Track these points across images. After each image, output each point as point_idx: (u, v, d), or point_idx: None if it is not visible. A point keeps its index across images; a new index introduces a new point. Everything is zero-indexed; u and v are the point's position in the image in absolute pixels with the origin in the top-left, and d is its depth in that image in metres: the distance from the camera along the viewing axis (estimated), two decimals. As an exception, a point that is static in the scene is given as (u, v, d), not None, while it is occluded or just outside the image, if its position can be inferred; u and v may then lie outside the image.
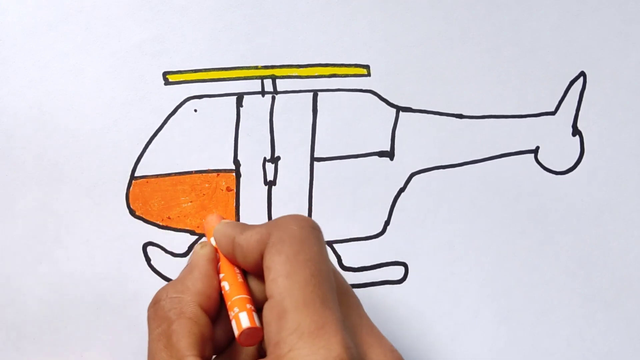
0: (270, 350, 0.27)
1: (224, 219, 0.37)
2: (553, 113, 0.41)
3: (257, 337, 0.30)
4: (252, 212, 0.39)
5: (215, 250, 0.34)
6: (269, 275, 0.29)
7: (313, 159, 0.40)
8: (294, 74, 0.39)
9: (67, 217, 0.38)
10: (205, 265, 0.33)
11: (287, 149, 0.40)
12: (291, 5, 0.39)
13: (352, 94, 0.40)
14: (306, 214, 0.40)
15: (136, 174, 0.39)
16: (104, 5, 0.38)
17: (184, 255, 0.39)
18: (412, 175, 0.40)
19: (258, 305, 0.31)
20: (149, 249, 0.39)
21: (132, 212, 0.39)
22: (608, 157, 0.41)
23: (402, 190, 0.40)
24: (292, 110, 0.39)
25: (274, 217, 0.39)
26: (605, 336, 0.41)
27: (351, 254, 0.40)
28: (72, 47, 0.38)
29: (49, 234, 0.38)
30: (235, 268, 0.33)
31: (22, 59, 0.38)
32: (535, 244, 0.41)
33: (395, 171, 0.40)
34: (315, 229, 0.31)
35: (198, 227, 0.39)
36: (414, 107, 0.40)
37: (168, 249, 0.39)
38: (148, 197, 0.39)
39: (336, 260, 0.40)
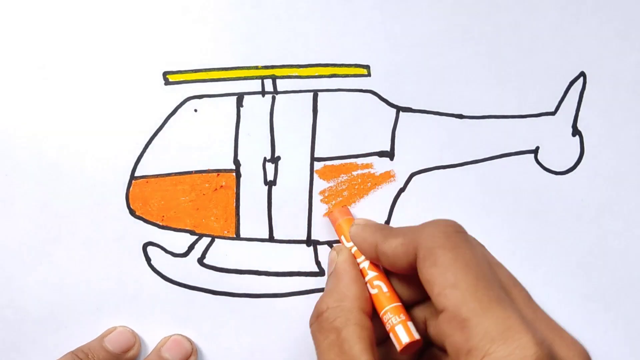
0: (462, 358, 0.28)
1: (347, 211, 0.39)
2: (553, 113, 0.41)
3: (416, 346, 0.31)
4: (252, 212, 0.39)
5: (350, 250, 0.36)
6: (434, 290, 0.29)
7: (313, 159, 0.40)
8: (294, 74, 0.39)
9: (67, 217, 0.38)
10: (351, 270, 0.34)
11: (287, 149, 0.40)
12: (291, 5, 0.39)
13: (352, 94, 0.40)
14: (306, 214, 0.40)
15: (136, 174, 0.39)
16: (104, 5, 0.38)
17: (184, 255, 0.39)
18: (412, 175, 0.40)
19: (406, 304, 0.33)
20: (149, 249, 0.39)
21: (132, 212, 0.39)
22: (608, 157, 0.41)
23: (402, 190, 0.40)
24: (292, 110, 0.39)
25: (274, 217, 0.39)
26: (605, 336, 0.41)
27: (351, 254, 0.40)
28: (72, 47, 0.38)
29: (49, 234, 0.38)
30: (377, 267, 0.35)
31: (22, 59, 0.38)
32: (535, 244, 0.41)
33: (395, 171, 0.40)
34: (461, 232, 0.31)
35: (198, 226, 0.39)
36: (414, 107, 0.40)
37: (168, 249, 0.39)
38: (148, 197, 0.39)
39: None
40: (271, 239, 0.40)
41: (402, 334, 0.31)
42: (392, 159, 0.40)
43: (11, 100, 0.38)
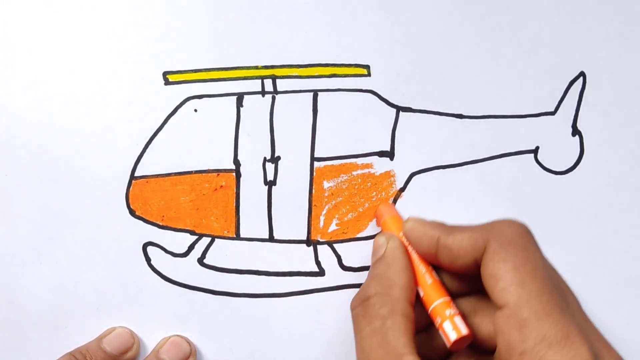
0: (514, 358, 0.28)
1: (393, 208, 0.39)
2: (553, 113, 0.41)
3: (467, 342, 0.31)
4: (252, 212, 0.39)
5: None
6: (497, 284, 0.29)
7: (313, 159, 0.40)
8: (294, 74, 0.39)
9: (67, 217, 0.38)
10: (404, 258, 0.34)
11: (287, 149, 0.40)
12: (291, 5, 0.39)
13: (352, 94, 0.40)
14: (306, 214, 0.40)
15: (136, 174, 0.39)
16: (104, 5, 0.38)
17: (184, 255, 0.39)
18: (412, 175, 0.40)
19: (454, 299, 0.33)
20: (149, 249, 0.39)
21: (132, 212, 0.39)
22: (608, 157, 0.41)
23: (402, 190, 0.40)
24: (292, 110, 0.39)
25: (274, 217, 0.39)
26: (605, 336, 0.41)
27: (351, 254, 0.40)
28: (72, 47, 0.38)
29: (49, 234, 0.38)
30: (427, 263, 0.34)
31: (22, 59, 0.38)
32: (535, 244, 0.41)
33: (395, 171, 0.40)
34: (532, 235, 0.31)
35: (198, 226, 0.39)
36: (414, 107, 0.40)
37: (168, 248, 0.39)
38: (148, 197, 0.39)
39: (336, 260, 0.40)
40: (271, 239, 0.40)
41: (451, 331, 0.31)
42: (392, 158, 0.40)
43: (11, 100, 0.38)
